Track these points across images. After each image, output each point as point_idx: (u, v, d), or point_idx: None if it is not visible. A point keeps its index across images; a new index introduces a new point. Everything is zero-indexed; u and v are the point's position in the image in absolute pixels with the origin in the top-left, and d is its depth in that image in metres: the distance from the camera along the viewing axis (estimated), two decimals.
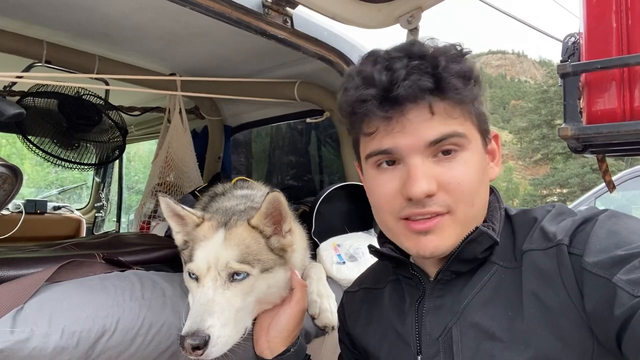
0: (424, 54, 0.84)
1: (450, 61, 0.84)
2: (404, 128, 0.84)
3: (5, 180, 1.13)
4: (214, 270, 1.06)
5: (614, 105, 1.48)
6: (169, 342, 1.04)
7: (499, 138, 0.99)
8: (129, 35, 1.98)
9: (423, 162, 0.84)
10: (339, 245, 1.65)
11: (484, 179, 0.88)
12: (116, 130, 2.25)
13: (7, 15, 1.78)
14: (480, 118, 0.89)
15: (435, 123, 0.83)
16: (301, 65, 2.07)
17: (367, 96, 0.84)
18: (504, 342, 0.79)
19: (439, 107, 0.83)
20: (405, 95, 0.81)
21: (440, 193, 0.83)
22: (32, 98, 1.99)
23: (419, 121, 0.83)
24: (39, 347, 0.89)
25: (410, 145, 0.84)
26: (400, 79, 0.81)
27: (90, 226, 3.78)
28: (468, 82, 0.84)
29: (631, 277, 0.67)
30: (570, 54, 1.66)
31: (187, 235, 1.16)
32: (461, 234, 0.86)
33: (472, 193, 0.85)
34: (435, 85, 0.82)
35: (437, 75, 0.82)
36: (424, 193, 0.82)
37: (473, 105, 0.87)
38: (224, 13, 1.41)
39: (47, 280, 1.02)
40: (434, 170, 0.83)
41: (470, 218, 0.87)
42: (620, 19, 1.48)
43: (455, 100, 0.83)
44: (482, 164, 0.88)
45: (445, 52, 0.85)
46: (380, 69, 0.84)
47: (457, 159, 0.85)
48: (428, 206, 0.83)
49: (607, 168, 1.93)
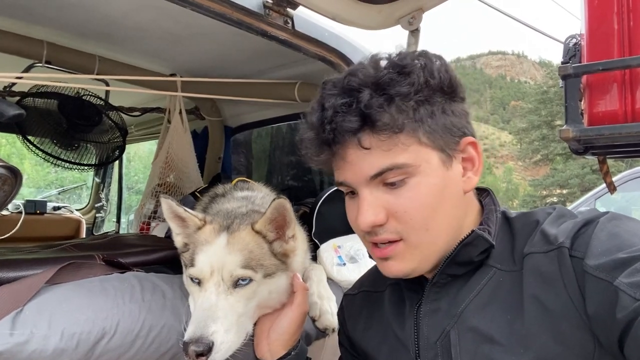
0: (352, 88, 0.83)
1: (381, 88, 0.82)
2: (345, 163, 0.87)
3: (5, 181, 1.12)
4: (217, 275, 1.04)
5: (615, 107, 1.48)
6: (169, 345, 1.04)
7: (478, 145, 0.93)
8: (129, 35, 1.97)
9: (371, 192, 0.86)
10: (339, 247, 1.65)
11: (442, 199, 0.86)
12: (116, 130, 2.24)
13: (7, 16, 1.77)
14: (435, 135, 0.85)
15: (373, 157, 0.84)
16: (302, 67, 2.07)
17: (307, 140, 0.89)
18: (502, 346, 0.79)
19: (371, 141, 0.83)
20: (332, 137, 0.84)
21: (391, 220, 0.86)
22: (32, 98, 1.99)
23: (354, 158, 0.86)
24: (38, 350, 0.89)
25: (355, 179, 0.87)
26: (327, 121, 0.83)
27: (90, 226, 3.78)
28: (402, 106, 0.82)
29: (633, 280, 0.67)
30: (572, 56, 1.65)
31: (188, 238, 1.14)
32: (423, 257, 0.88)
33: (422, 219, 0.85)
34: (362, 122, 0.82)
35: (361, 112, 0.81)
36: (369, 225, 0.85)
37: (422, 124, 0.83)
38: (225, 14, 1.41)
39: (47, 282, 1.02)
40: (382, 200, 0.85)
41: (428, 242, 0.87)
42: (622, 21, 1.48)
43: (388, 131, 0.82)
44: (437, 186, 0.85)
45: (377, 78, 0.83)
46: (315, 107, 0.88)
47: (404, 187, 0.85)
48: (380, 234, 0.87)
49: (607, 169, 1.93)
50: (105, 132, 2.21)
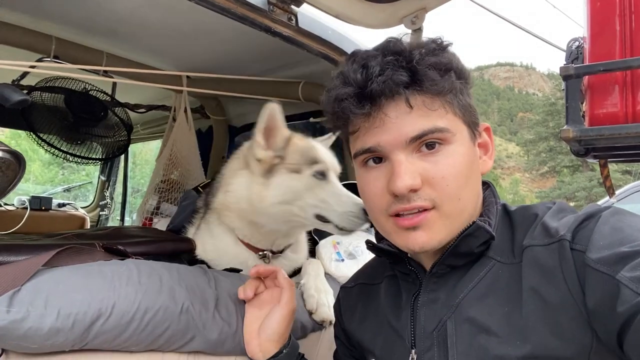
0: (398, 50, 0.85)
1: (426, 54, 0.84)
2: (383, 124, 0.84)
3: (9, 166, 1.14)
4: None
5: (616, 108, 1.48)
6: (164, 327, 1.05)
7: (491, 130, 0.98)
8: (136, 32, 2.00)
9: (407, 157, 0.84)
10: (338, 243, 1.65)
11: (471, 172, 0.88)
12: (121, 126, 2.27)
13: (17, 10, 1.81)
14: (465, 110, 0.88)
15: (415, 118, 0.83)
16: (305, 66, 2.08)
17: (344, 95, 0.85)
18: (499, 337, 0.78)
19: (416, 101, 0.83)
20: (380, 90, 0.82)
21: (425, 188, 0.84)
22: (39, 92, 2.02)
23: (397, 116, 0.83)
24: (34, 328, 0.90)
25: (392, 141, 0.84)
26: (375, 75, 0.82)
27: (95, 224, 3.81)
28: (445, 74, 0.84)
29: (635, 274, 0.66)
30: (574, 58, 1.66)
31: (276, 150, 1.43)
32: (451, 227, 0.86)
33: (457, 187, 0.84)
34: (411, 79, 0.82)
35: (411, 69, 0.82)
36: (407, 188, 0.82)
37: (456, 96, 0.86)
38: (229, 9, 1.42)
39: (46, 265, 1.03)
40: (418, 166, 0.84)
41: (458, 212, 0.86)
42: (624, 22, 1.49)
43: (432, 92, 0.83)
44: (469, 157, 0.88)
45: (421, 46, 0.86)
46: (356, 67, 0.85)
47: (441, 153, 0.84)
48: (413, 201, 0.83)
49: (608, 173, 1.93)
50: (111, 127, 2.24)
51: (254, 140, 1.44)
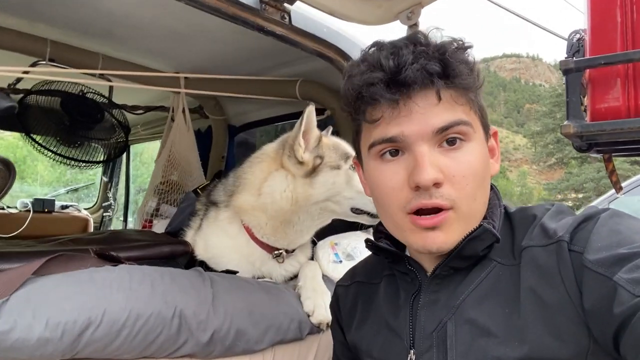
0: (429, 42, 0.84)
1: (456, 49, 0.84)
2: (410, 113, 0.82)
3: None
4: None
5: (618, 102, 1.45)
6: (157, 333, 1.04)
7: (498, 135, 0.98)
8: (132, 33, 1.99)
9: (430, 151, 0.82)
10: (336, 244, 1.64)
11: (486, 173, 0.87)
12: (119, 128, 2.26)
13: (11, 13, 1.80)
14: (482, 111, 0.88)
15: (442, 110, 0.82)
16: (303, 64, 2.06)
17: (374, 79, 0.82)
18: (498, 338, 0.78)
19: (445, 93, 0.82)
20: (413, 78, 0.80)
21: (446, 185, 0.81)
22: (35, 96, 2.01)
23: (425, 106, 0.81)
24: (21, 339, 0.89)
25: (417, 132, 0.82)
26: (409, 63, 0.80)
27: (98, 225, 3.82)
28: (472, 71, 0.84)
29: (632, 276, 0.65)
30: (576, 51, 1.63)
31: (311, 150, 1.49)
32: (465, 229, 0.84)
33: (475, 187, 0.83)
34: (443, 71, 0.81)
35: (444, 61, 0.81)
36: (432, 180, 0.79)
37: (477, 96, 0.86)
38: (220, 8, 1.40)
39: (37, 273, 1.02)
40: (440, 161, 0.82)
41: (473, 213, 0.85)
42: (625, 14, 1.45)
43: (461, 87, 0.82)
44: (485, 157, 0.87)
45: (449, 42, 0.85)
46: (386, 54, 0.83)
47: (463, 150, 0.83)
48: (435, 197, 0.81)
49: (613, 168, 1.89)
50: (108, 129, 2.23)
51: (295, 144, 1.49)
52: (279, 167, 1.53)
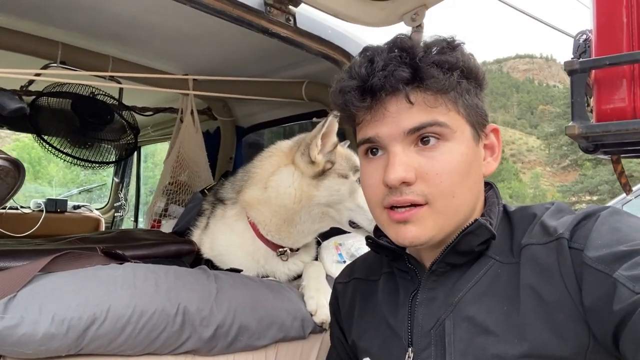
0: (405, 46, 0.85)
1: (431, 52, 0.84)
2: (383, 118, 0.85)
3: (8, 173, 1.16)
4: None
5: (624, 103, 1.44)
6: (160, 329, 1.05)
7: (499, 132, 0.97)
8: (140, 36, 2.02)
9: (403, 150, 0.84)
10: (340, 245, 1.65)
11: (470, 171, 0.87)
12: (128, 129, 2.29)
13: (24, 17, 1.84)
14: (471, 110, 0.87)
15: (415, 112, 0.83)
16: (309, 66, 2.08)
17: (347, 87, 0.86)
18: (497, 336, 0.78)
19: (417, 97, 0.83)
20: (380, 85, 0.82)
21: (419, 183, 0.83)
22: (46, 98, 2.05)
23: (396, 111, 0.84)
24: (28, 334, 0.91)
25: (389, 133, 0.84)
26: (378, 70, 0.83)
27: (109, 225, 3.87)
28: (449, 72, 0.84)
29: (632, 273, 0.65)
30: (582, 52, 1.62)
31: (325, 154, 1.50)
32: (443, 225, 0.85)
33: (452, 184, 0.84)
34: (412, 76, 0.82)
35: (414, 65, 0.82)
36: (398, 180, 0.82)
37: (461, 95, 0.86)
38: (225, 11, 1.42)
39: (44, 271, 1.04)
40: (414, 160, 0.84)
41: (452, 210, 0.85)
42: (631, 14, 1.44)
43: (434, 90, 0.83)
44: (468, 156, 0.87)
45: (430, 44, 0.86)
46: (362, 62, 0.86)
47: (438, 149, 0.84)
48: (405, 194, 0.83)
49: (622, 169, 1.87)
50: (117, 130, 2.27)
51: (312, 143, 1.51)
52: (289, 163, 1.55)
